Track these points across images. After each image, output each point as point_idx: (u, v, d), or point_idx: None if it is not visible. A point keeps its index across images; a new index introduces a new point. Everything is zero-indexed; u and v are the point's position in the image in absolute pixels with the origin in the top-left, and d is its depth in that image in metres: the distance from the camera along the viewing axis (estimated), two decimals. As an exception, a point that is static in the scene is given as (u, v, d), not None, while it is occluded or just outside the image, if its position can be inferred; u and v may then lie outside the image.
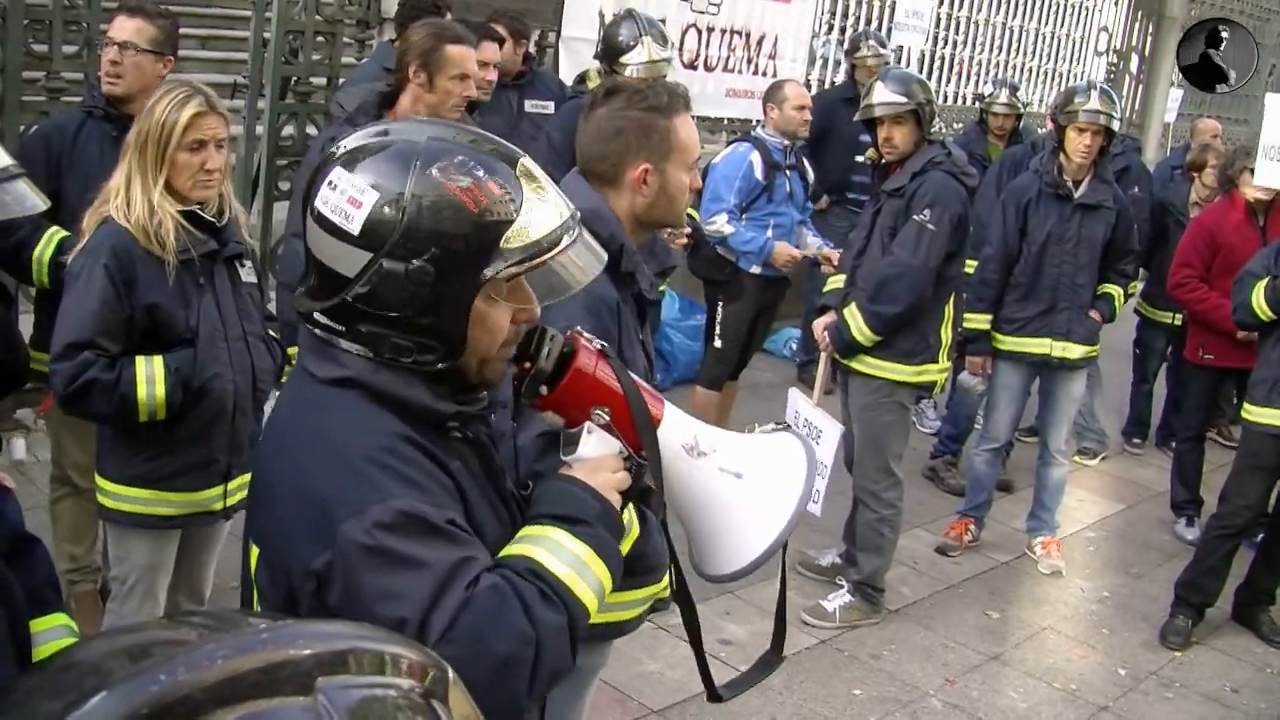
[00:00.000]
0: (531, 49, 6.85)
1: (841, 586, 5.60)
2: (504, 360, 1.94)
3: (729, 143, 6.75)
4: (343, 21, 6.93)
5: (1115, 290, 6.15)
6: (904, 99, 5.20)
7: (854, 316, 5.26)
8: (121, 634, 0.90)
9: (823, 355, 5.62)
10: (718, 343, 6.65)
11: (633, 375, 2.03)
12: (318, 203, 1.82)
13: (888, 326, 5.21)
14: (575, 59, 8.01)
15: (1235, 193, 6.69)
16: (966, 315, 6.09)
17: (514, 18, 6.40)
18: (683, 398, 7.25)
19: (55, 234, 4.09)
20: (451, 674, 0.94)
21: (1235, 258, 6.58)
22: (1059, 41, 12.79)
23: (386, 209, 1.77)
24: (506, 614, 1.76)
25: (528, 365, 1.96)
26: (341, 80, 6.61)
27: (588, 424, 1.97)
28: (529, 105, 6.39)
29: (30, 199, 2.93)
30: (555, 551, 1.87)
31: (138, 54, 4.28)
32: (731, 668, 4.94)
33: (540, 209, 1.83)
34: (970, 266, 6.19)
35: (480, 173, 1.79)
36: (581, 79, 6.50)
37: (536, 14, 7.78)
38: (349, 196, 1.79)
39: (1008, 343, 6.12)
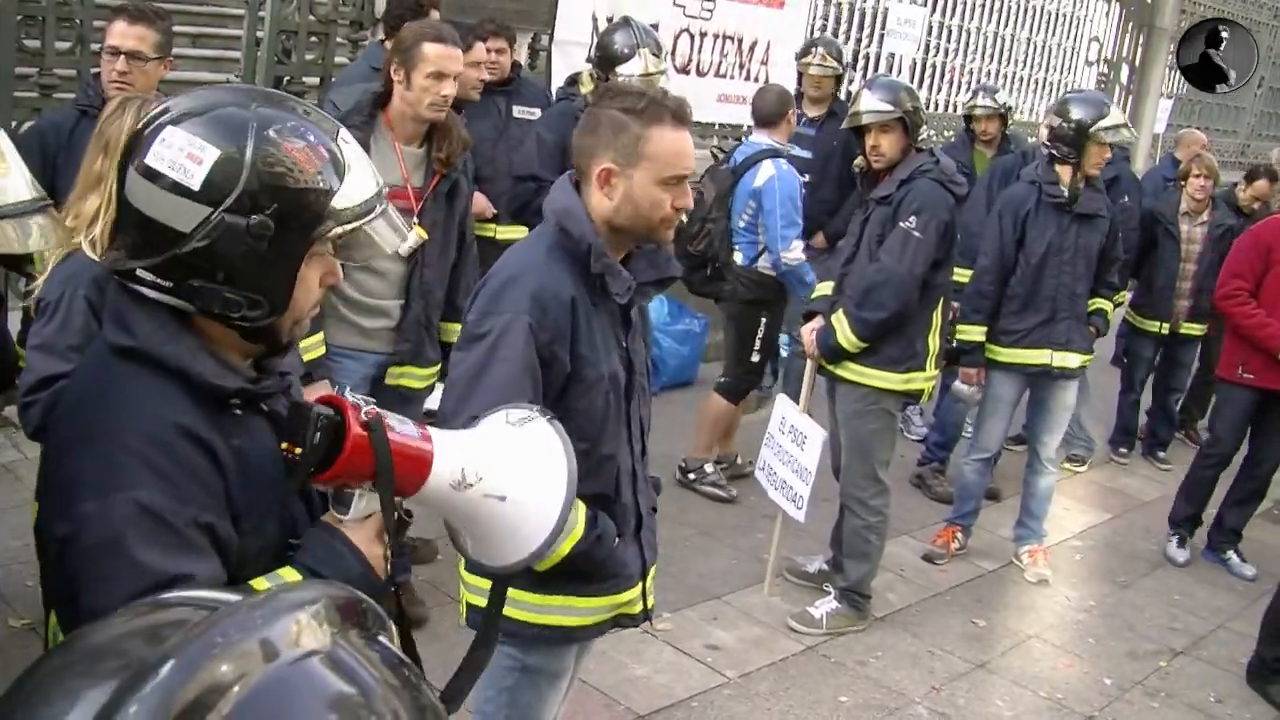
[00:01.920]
0: (524, 52, 6.82)
1: (829, 593, 5.60)
2: (308, 320, 2.04)
3: (750, 160, 6.48)
4: (336, 22, 6.93)
5: (1106, 305, 6.16)
6: (890, 107, 5.21)
7: (841, 322, 5.27)
8: (119, 622, 0.94)
9: (808, 362, 5.64)
10: (755, 358, 6.71)
11: (397, 435, 1.91)
12: (150, 160, 1.86)
13: (874, 333, 5.21)
14: (568, 61, 8.01)
15: None
16: (961, 326, 6.09)
17: (504, 25, 6.40)
18: (668, 402, 7.26)
19: None
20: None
21: None
22: (1050, 51, 12.83)
23: (229, 165, 1.83)
24: None
25: (296, 449, 1.88)
26: (334, 80, 6.60)
27: (358, 490, 1.97)
28: (517, 110, 6.40)
29: (51, 237, 2.92)
30: None
31: (147, 62, 4.28)
32: (718, 672, 4.96)
33: (357, 177, 1.94)
34: (963, 276, 6.19)
35: (312, 138, 1.89)
36: (573, 80, 6.50)
37: (530, 16, 7.78)
38: (188, 153, 1.85)
39: (1005, 354, 6.08)
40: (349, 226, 1.92)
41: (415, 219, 4.37)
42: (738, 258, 6.51)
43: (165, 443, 1.84)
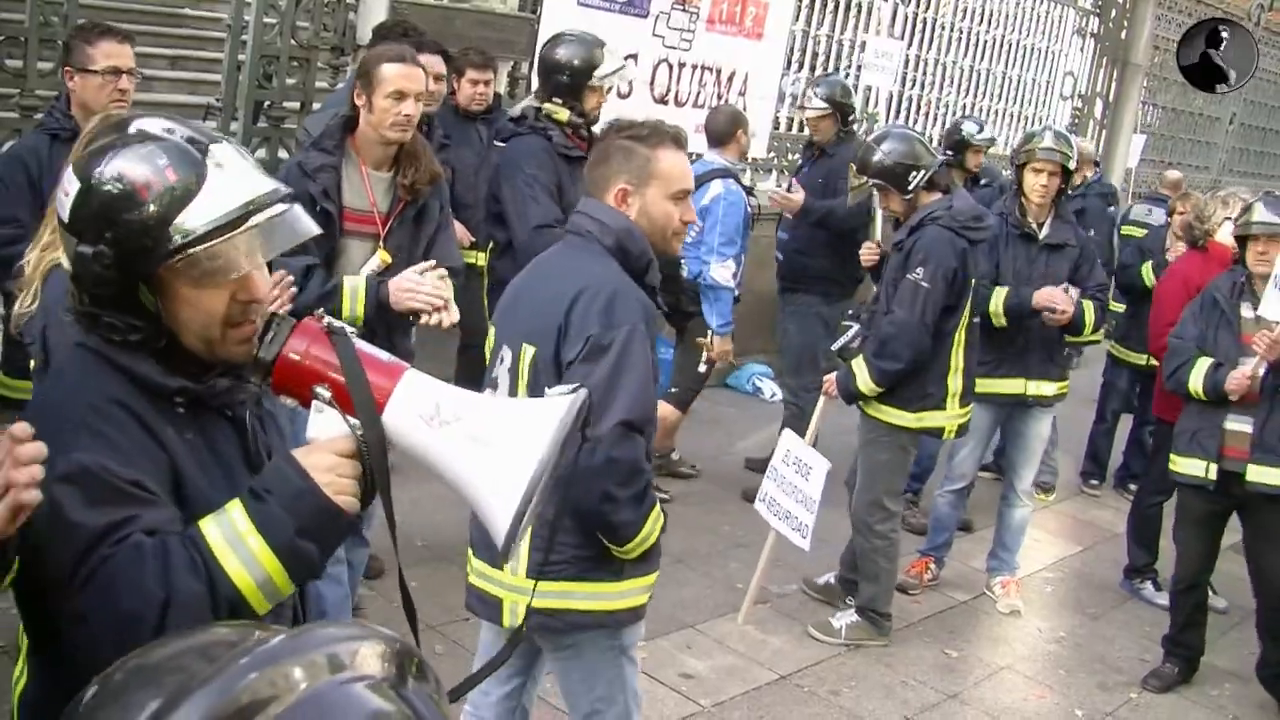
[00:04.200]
0: (503, 81, 6.78)
1: (848, 606, 5.80)
2: (241, 340, 2.00)
3: (701, 178, 6.54)
4: (318, 47, 6.95)
5: (1086, 302, 6.01)
6: (861, 177, 5.52)
7: (861, 369, 5.44)
8: (178, 640, 1.05)
9: (822, 399, 5.83)
10: (702, 368, 6.85)
11: (365, 348, 1.97)
12: (57, 202, 1.99)
13: (891, 380, 5.39)
14: (547, 90, 8.02)
15: (1212, 245, 6.44)
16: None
17: (489, 56, 6.41)
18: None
19: None
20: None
21: None
22: (1025, 86, 12.93)
23: (82, 198, 1.92)
24: (138, 574, 1.83)
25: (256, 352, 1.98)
26: (316, 105, 6.62)
27: (315, 403, 1.94)
28: (498, 139, 6.41)
29: None
30: (220, 522, 1.91)
31: (137, 78, 4.32)
32: (692, 701, 4.97)
33: (224, 193, 1.91)
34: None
35: (162, 162, 1.90)
36: (537, 114, 6.34)
37: (509, 45, 7.81)
38: (64, 188, 1.95)
39: (980, 384, 6.06)
40: (196, 249, 1.90)
41: (381, 244, 4.37)
42: (683, 272, 6.63)
43: (106, 413, 1.92)
